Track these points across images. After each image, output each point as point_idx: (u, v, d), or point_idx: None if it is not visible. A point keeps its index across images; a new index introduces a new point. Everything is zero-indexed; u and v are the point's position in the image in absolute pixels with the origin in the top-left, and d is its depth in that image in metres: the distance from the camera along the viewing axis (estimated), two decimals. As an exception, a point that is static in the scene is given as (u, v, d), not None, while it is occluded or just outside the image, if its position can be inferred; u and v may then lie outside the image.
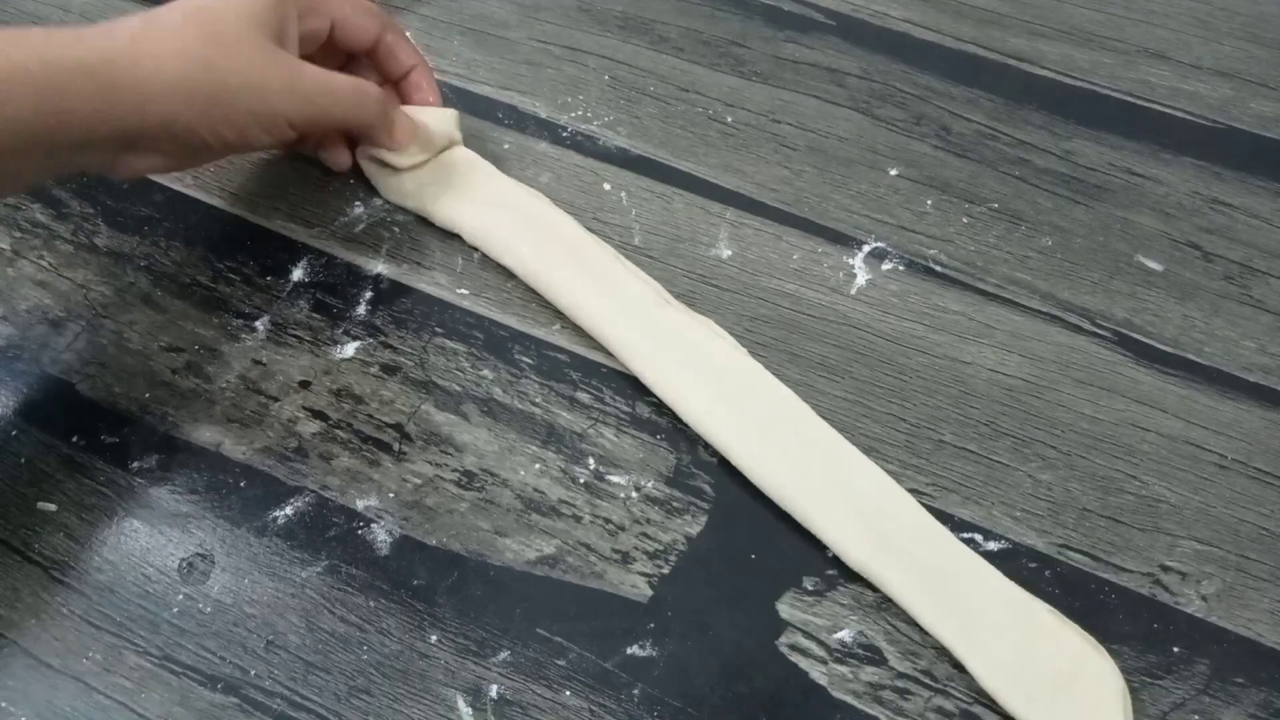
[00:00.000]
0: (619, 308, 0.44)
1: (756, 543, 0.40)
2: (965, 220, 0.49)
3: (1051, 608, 0.38)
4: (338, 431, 0.43)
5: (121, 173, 0.42)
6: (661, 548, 0.40)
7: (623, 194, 0.50)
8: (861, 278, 0.47)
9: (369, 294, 0.47)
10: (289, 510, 0.41)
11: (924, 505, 0.40)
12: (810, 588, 0.39)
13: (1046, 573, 0.39)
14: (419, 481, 0.42)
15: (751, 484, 0.41)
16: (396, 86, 0.50)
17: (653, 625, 0.38)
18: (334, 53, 0.48)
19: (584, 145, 0.52)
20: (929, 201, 0.50)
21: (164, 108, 0.39)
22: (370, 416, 0.44)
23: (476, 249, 0.48)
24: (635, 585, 0.39)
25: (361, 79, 0.46)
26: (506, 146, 0.52)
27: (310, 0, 0.45)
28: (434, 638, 0.38)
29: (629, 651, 0.38)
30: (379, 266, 0.48)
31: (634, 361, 0.43)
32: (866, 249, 0.48)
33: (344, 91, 0.45)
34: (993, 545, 0.40)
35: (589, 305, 0.45)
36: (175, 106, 0.40)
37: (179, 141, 0.41)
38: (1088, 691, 0.36)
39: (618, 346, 0.44)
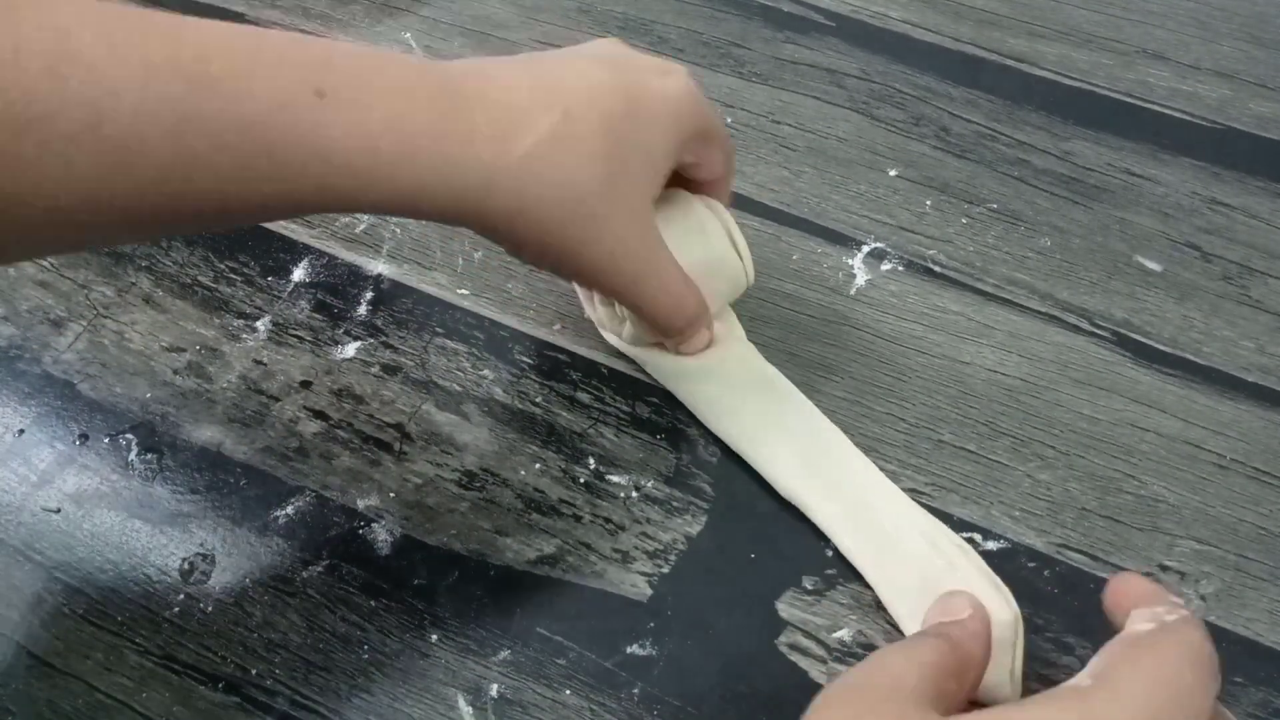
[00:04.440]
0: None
1: (756, 542, 0.40)
2: (964, 220, 0.49)
3: (964, 543, 0.38)
4: (339, 431, 0.43)
5: None
6: (661, 547, 0.40)
7: (623, 194, 0.50)
8: (861, 278, 0.47)
9: (370, 294, 0.47)
10: (290, 510, 0.41)
11: (924, 505, 0.40)
12: (810, 587, 0.39)
13: (1045, 572, 0.39)
14: (420, 481, 0.42)
15: (751, 484, 0.41)
16: (688, 186, 0.42)
17: (653, 625, 0.39)
18: None
19: (584, 146, 0.52)
20: (928, 202, 0.50)
21: (521, 237, 0.35)
22: (371, 416, 0.44)
23: (479, 249, 0.48)
24: (635, 585, 0.39)
25: (687, 281, 0.39)
26: (507, 147, 0.52)
27: (707, 138, 0.39)
28: (434, 637, 0.38)
29: (629, 651, 0.38)
30: (380, 267, 0.48)
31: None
32: (866, 249, 0.48)
33: (670, 295, 0.39)
34: (991, 545, 0.40)
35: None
36: (530, 242, 0.35)
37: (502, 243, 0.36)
38: None
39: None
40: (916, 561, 0.38)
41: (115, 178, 0.28)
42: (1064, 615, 0.38)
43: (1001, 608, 0.37)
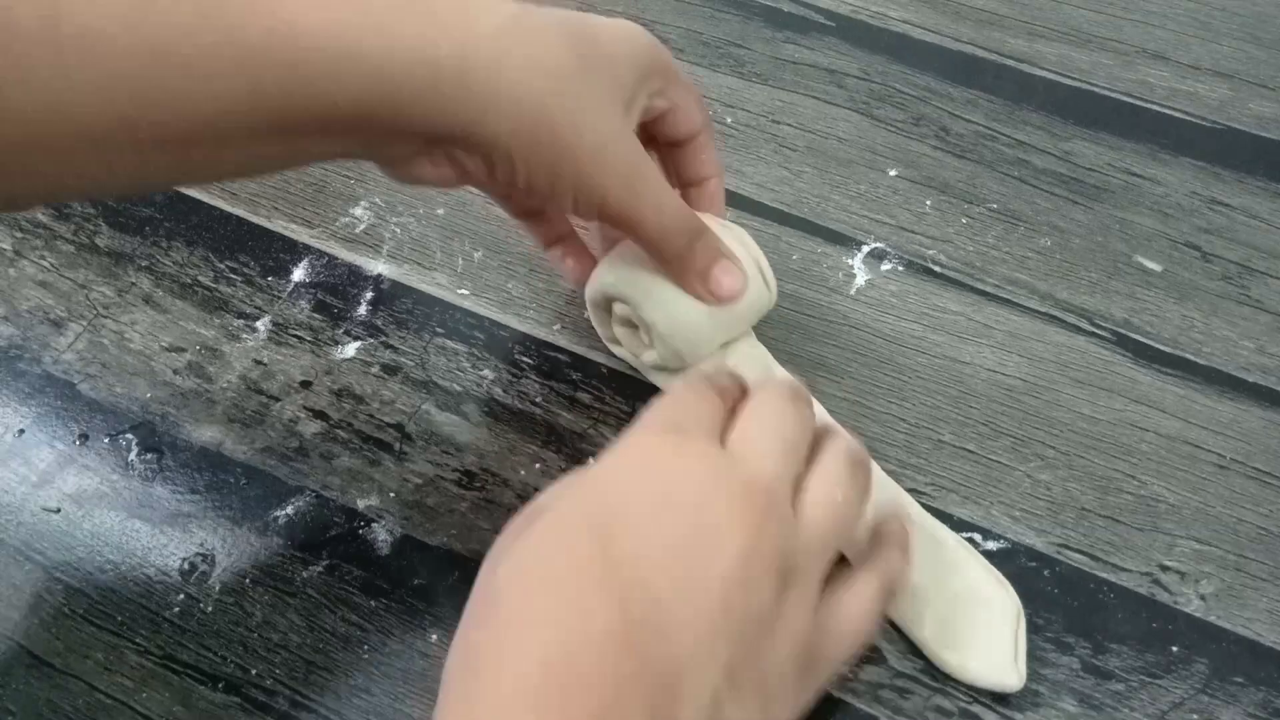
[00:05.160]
0: None
1: (756, 542, 0.40)
2: (964, 221, 0.49)
3: (963, 540, 0.39)
4: (339, 431, 0.43)
5: (402, 174, 0.36)
6: (661, 547, 0.40)
7: (623, 194, 0.50)
8: (861, 278, 0.47)
9: (370, 294, 0.47)
10: (290, 510, 0.41)
11: (924, 505, 0.40)
12: (810, 587, 0.39)
13: (1045, 572, 0.39)
14: (420, 481, 0.42)
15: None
16: (684, 193, 0.42)
17: (653, 624, 0.38)
18: None
19: (584, 146, 0.52)
20: (928, 202, 0.50)
21: (503, 127, 0.33)
22: (371, 416, 0.44)
23: (479, 249, 0.48)
24: (635, 585, 0.39)
25: (678, 196, 0.38)
26: (507, 147, 0.52)
27: (669, 76, 0.39)
28: (434, 637, 0.38)
29: (629, 651, 0.38)
30: (380, 267, 0.48)
31: None
32: (866, 249, 0.48)
33: (668, 205, 0.37)
34: (992, 545, 0.40)
35: None
36: (516, 129, 0.33)
37: (489, 162, 0.34)
38: (985, 616, 0.37)
39: None
40: (917, 558, 0.38)
41: (80, 81, 0.27)
42: (1064, 615, 0.38)
43: (1005, 601, 0.37)
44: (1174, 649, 0.38)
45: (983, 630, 0.37)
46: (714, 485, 0.30)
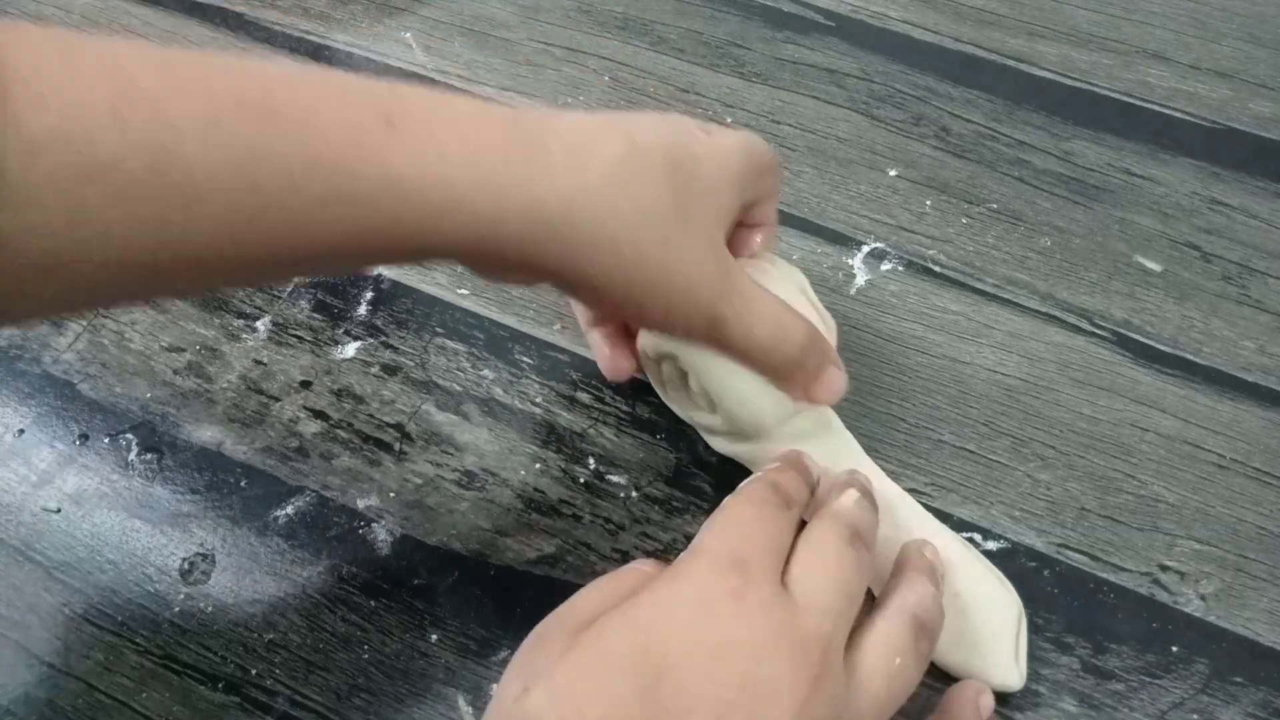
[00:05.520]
0: None
1: (756, 542, 0.40)
2: (964, 220, 0.49)
3: (963, 539, 0.39)
4: (339, 431, 0.43)
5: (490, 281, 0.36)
6: (661, 547, 0.40)
7: (623, 194, 0.50)
8: (861, 278, 0.47)
9: (370, 294, 0.47)
10: (290, 510, 0.41)
11: (924, 505, 0.40)
12: (810, 587, 0.39)
13: (1045, 572, 0.39)
14: (420, 481, 0.42)
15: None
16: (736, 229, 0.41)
17: (653, 624, 0.38)
18: None
19: (584, 146, 0.52)
20: (928, 202, 0.50)
21: (599, 270, 0.33)
22: (371, 416, 0.44)
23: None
24: (635, 585, 0.39)
25: (785, 304, 0.37)
26: (507, 147, 0.52)
27: (770, 185, 0.38)
28: (434, 637, 0.38)
29: (629, 651, 0.38)
30: (380, 266, 0.48)
31: None
32: (866, 249, 0.48)
33: (767, 321, 0.36)
34: (991, 545, 0.40)
35: None
36: (611, 272, 0.33)
37: (574, 294, 0.35)
38: (986, 615, 0.37)
39: None
40: None
41: (180, 223, 0.27)
42: (1064, 615, 0.38)
43: (1007, 601, 0.37)
44: (1174, 649, 0.38)
45: (984, 630, 0.37)
46: (773, 639, 0.29)
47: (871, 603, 0.34)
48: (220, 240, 0.28)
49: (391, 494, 0.42)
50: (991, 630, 0.37)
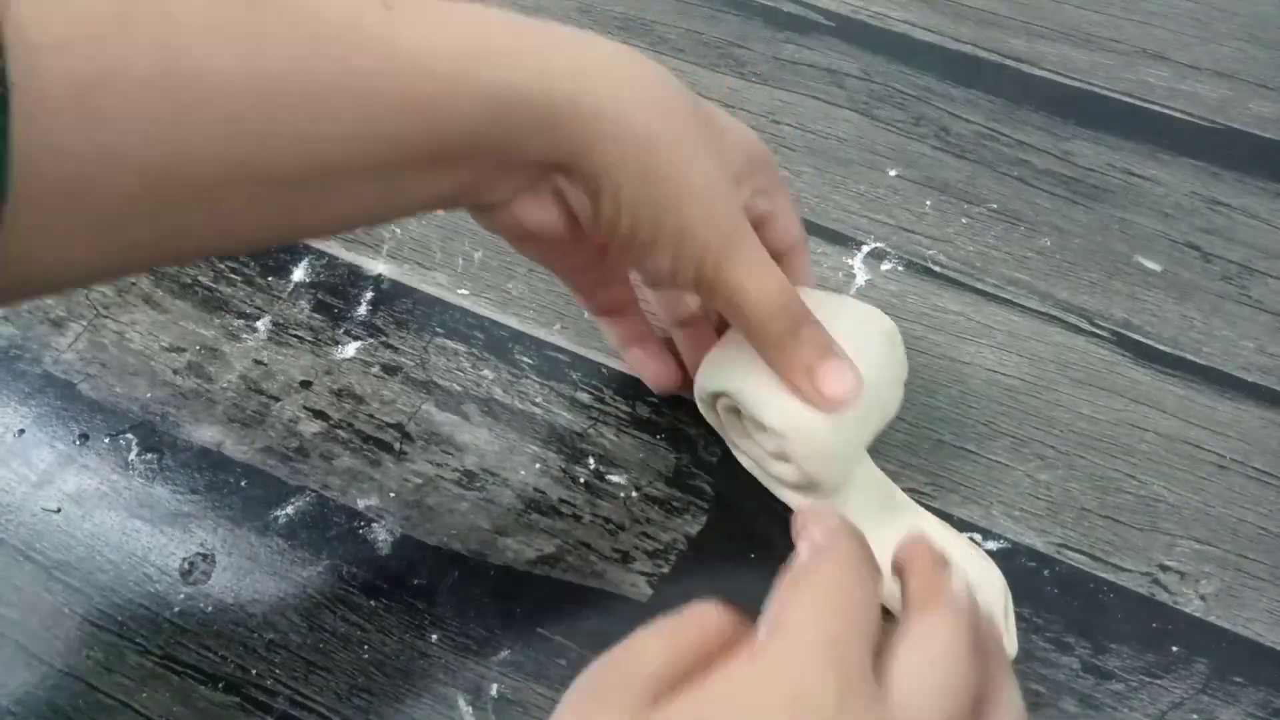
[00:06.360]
0: None
1: (756, 542, 0.40)
2: (964, 221, 0.49)
3: (942, 521, 0.39)
4: (339, 431, 0.43)
5: (502, 218, 0.34)
6: (661, 547, 0.40)
7: (623, 194, 0.50)
8: (861, 278, 0.48)
9: (370, 294, 0.47)
10: (290, 510, 0.41)
11: (923, 505, 0.40)
12: (810, 587, 0.39)
13: (1045, 572, 0.39)
14: (420, 481, 0.42)
15: (751, 484, 0.41)
16: None
17: (653, 624, 0.39)
18: None
19: (584, 146, 0.52)
20: (928, 202, 0.50)
21: (614, 154, 0.31)
22: (371, 416, 0.44)
23: (479, 249, 0.48)
24: (635, 584, 0.39)
25: (770, 262, 0.35)
26: (507, 147, 0.52)
27: (774, 178, 0.37)
28: (434, 637, 0.38)
29: (629, 651, 0.38)
30: (380, 267, 0.48)
31: None
32: (866, 249, 0.48)
33: (771, 283, 0.34)
34: (991, 545, 0.40)
35: None
36: (626, 157, 0.31)
37: (594, 196, 0.32)
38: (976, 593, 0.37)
39: None
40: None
41: (193, 126, 0.26)
42: (1064, 615, 0.38)
43: (991, 578, 0.38)
44: (1174, 649, 0.38)
45: None
46: None
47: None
48: (238, 143, 0.27)
49: (391, 494, 0.42)
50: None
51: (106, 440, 0.43)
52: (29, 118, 0.24)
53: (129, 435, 0.43)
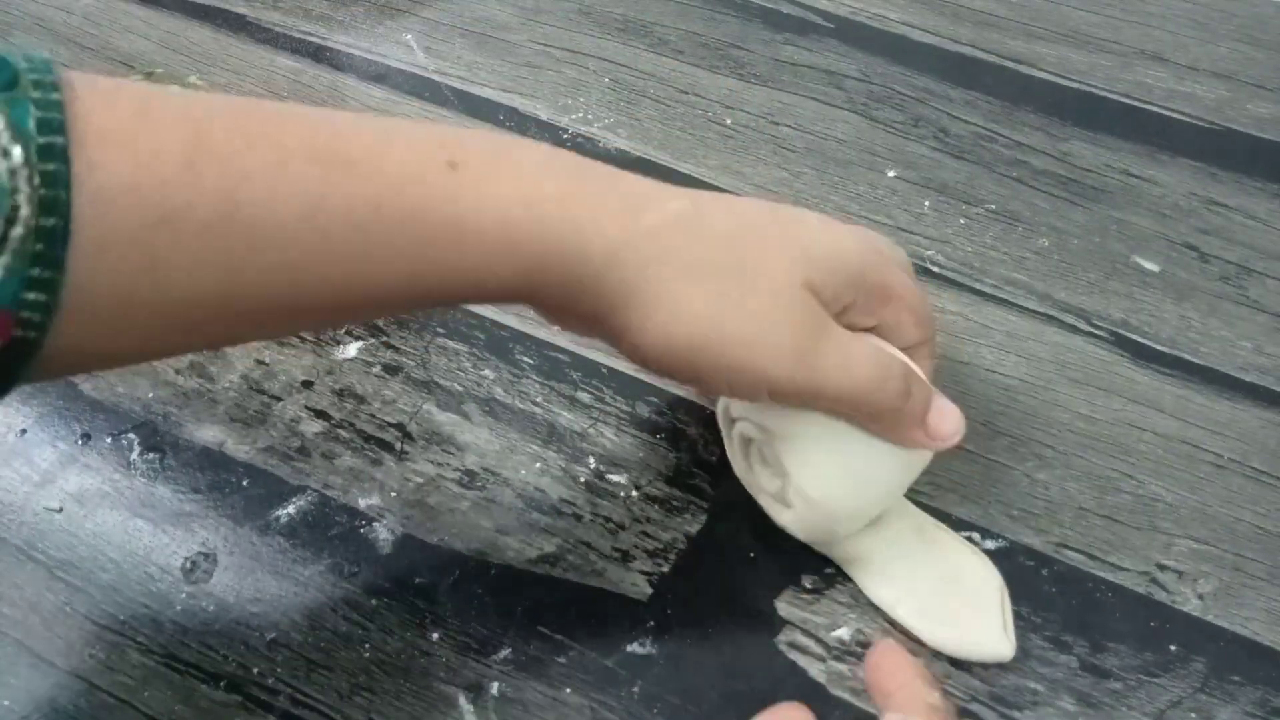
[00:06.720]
0: None
1: (756, 541, 0.40)
2: (963, 221, 0.50)
3: (937, 522, 0.40)
4: (340, 431, 0.43)
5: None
6: (662, 546, 0.40)
7: (623, 195, 0.50)
8: (860, 278, 0.48)
9: (370, 295, 0.47)
10: (292, 509, 0.42)
11: (923, 505, 0.40)
12: (809, 586, 0.39)
13: (1044, 571, 0.40)
14: (421, 480, 0.42)
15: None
16: None
17: (653, 623, 0.39)
18: None
19: (584, 147, 0.52)
20: (927, 203, 0.50)
21: (635, 317, 0.32)
22: (372, 416, 0.44)
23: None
24: (635, 583, 0.40)
25: (878, 340, 0.35)
26: (507, 148, 0.52)
27: (877, 297, 0.36)
28: (435, 636, 0.39)
29: (629, 649, 0.38)
30: (380, 267, 0.48)
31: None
32: (865, 250, 0.48)
33: (863, 365, 0.34)
34: (990, 544, 0.40)
35: None
36: (649, 322, 0.32)
37: (631, 350, 0.33)
38: (970, 593, 0.38)
39: None
40: (898, 544, 0.39)
41: (246, 267, 0.28)
42: (1062, 614, 0.39)
43: (987, 574, 0.39)
44: (1172, 648, 0.38)
45: (971, 604, 0.38)
46: None
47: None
48: (287, 284, 0.28)
49: (393, 493, 0.42)
50: (979, 605, 0.38)
51: (108, 440, 0.43)
52: (87, 255, 0.25)
53: (131, 435, 0.44)
